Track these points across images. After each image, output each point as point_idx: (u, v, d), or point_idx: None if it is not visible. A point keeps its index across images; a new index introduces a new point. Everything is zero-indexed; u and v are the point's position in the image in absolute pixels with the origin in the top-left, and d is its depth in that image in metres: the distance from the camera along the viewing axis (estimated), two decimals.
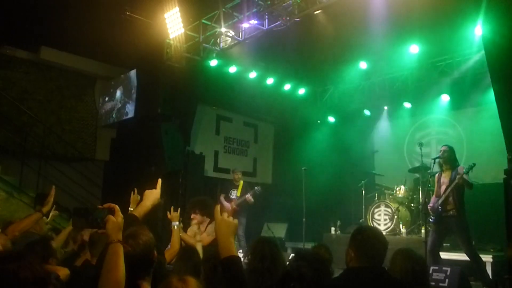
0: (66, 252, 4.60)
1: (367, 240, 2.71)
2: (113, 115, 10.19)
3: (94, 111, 10.77)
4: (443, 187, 6.40)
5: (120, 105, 9.97)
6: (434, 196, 6.65)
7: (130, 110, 9.57)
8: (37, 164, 9.07)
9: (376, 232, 2.86)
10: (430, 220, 6.43)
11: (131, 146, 9.81)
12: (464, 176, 6.07)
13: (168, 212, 4.64)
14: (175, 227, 4.45)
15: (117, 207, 2.10)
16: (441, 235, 6.36)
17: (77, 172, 9.68)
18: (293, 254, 4.39)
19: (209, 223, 5.43)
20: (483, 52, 6.08)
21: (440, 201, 6.28)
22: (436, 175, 6.64)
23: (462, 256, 6.72)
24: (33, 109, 9.60)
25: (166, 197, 7.93)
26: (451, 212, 6.24)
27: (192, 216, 5.48)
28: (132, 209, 4.70)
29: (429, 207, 6.46)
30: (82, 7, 7.96)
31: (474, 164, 6.10)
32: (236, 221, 2.29)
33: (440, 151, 6.50)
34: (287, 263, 3.11)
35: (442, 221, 6.31)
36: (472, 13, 5.91)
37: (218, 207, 2.31)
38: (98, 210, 2.11)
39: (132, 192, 4.19)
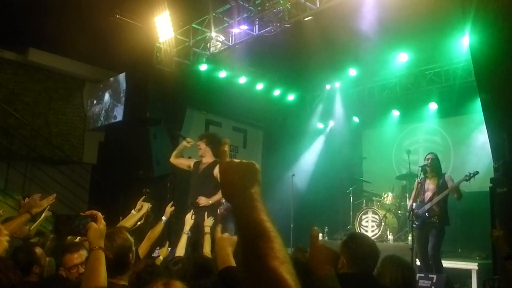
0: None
1: (360, 247, 2.73)
2: (101, 118, 10.12)
3: (82, 114, 10.68)
4: (428, 194, 6.52)
5: (108, 108, 9.91)
6: (411, 200, 6.78)
7: (118, 113, 9.50)
8: (24, 167, 8.97)
9: (369, 240, 2.90)
10: (414, 225, 6.51)
11: (119, 149, 9.74)
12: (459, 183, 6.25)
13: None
14: (163, 221, 4.68)
15: (99, 214, 2.10)
16: (426, 241, 6.44)
17: (64, 175, 9.58)
18: None
19: (212, 163, 6.17)
20: (470, 61, 6.16)
21: (426, 208, 6.38)
22: (418, 180, 6.72)
23: (449, 264, 6.78)
24: (20, 111, 9.49)
25: (154, 201, 7.91)
26: (434, 218, 6.36)
27: (198, 143, 6.37)
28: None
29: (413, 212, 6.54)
30: (71, 9, 7.92)
31: (477, 172, 6.15)
32: (235, 238, 2.31)
33: (427, 159, 6.60)
34: None
35: (425, 227, 6.44)
36: (460, 22, 5.98)
37: (218, 228, 2.36)
38: (80, 217, 2.10)
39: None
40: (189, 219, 4.73)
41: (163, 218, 4.82)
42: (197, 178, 6.31)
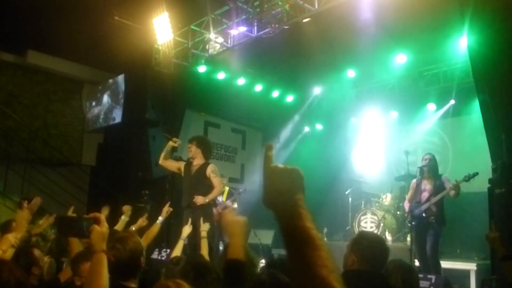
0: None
1: (371, 245, 2.76)
2: (100, 120, 10.12)
3: (81, 115, 10.67)
4: (425, 194, 6.56)
5: (107, 110, 9.91)
6: (407, 201, 6.84)
7: (117, 115, 9.51)
8: (22, 169, 8.96)
9: (379, 239, 2.95)
10: (409, 225, 6.56)
11: (118, 151, 9.74)
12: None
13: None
14: (159, 222, 4.82)
15: (102, 217, 2.10)
16: (424, 241, 6.47)
17: (63, 177, 9.57)
18: (263, 262, 4.42)
19: (203, 165, 6.24)
20: (469, 62, 6.17)
21: (423, 208, 6.41)
22: (414, 180, 6.76)
23: (448, 264, 6.80)
24: (18, 113, 9.49)
25: (153, 203, 7.94)
26: (430, 219, 6.41)
27: (189, 145, 6.42)
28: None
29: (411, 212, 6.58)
30: (70, 11, 7.92)
31: (477, 173, 6.18)
32: (245, 219, 2.24)
33: (425, 159, 6.63)
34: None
35: (422, 227, 6.48)
36: (458, 23, 6.00)
37: (230, 211, 2.27)
38: (83, 219, 2.11)
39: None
40: (186, 228, 4.78)
41: (160, 218, 4.87)
42: (190, 180, 6.37)
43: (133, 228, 4.76)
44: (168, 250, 6.38)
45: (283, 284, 2.22)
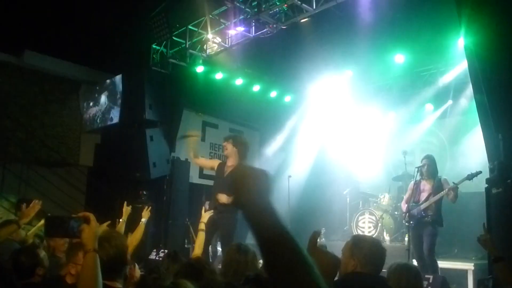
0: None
1: (370, 247, 2.81)
2: (98, 120, 10.09)
3: (79, 116, 10.64)
4: (424, 194, 6.61)
5: (104, 110, 9.88)
6: (404, 201, 6.87)
7: (115, 115, 9.48)
8: (19, 169, 8.93)
9: (376, 240, 3.00)
10: (407, 225, 6.60)
11: (116, 151, 9.71)
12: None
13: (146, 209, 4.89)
14: (143, 223, 4.76)
15: (92, 216, 2.07)
16: (421, 240, 6.49)
17: (60, 177, 9.54)
18: (261, 262, 4.42)
19: (236, 167, 5.92)
20: (466, 62, 6.18)
21: (422, 207, 6.44)
22: (412, 182, 6.80)
23: (445, 264, 6.81)
24: (16, 114, 9.45)
25: (151, 203, 7.91)
26: (428, 218, 6.45)
27: (224, 144, 6.19)
28: (122, 220, 4.78)
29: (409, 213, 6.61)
30: (67, 11, 7.91)
31: (480, 172, 6.18)
32: None
33: (424, 164, 6.65)
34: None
35: (419, 226, 6.51)
36: (456, 24, 6.00)
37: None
38: (73, 219, 2.07)
39: (124, 203, 4.42)
40: (206, 214, 4.73)
41: (143, 220, 4.81)
42: (222, 182, 6.10)
43: (121, 219, 4.74)
44: (166, 251, 6.38)
45: (262, 281, 2.25)
